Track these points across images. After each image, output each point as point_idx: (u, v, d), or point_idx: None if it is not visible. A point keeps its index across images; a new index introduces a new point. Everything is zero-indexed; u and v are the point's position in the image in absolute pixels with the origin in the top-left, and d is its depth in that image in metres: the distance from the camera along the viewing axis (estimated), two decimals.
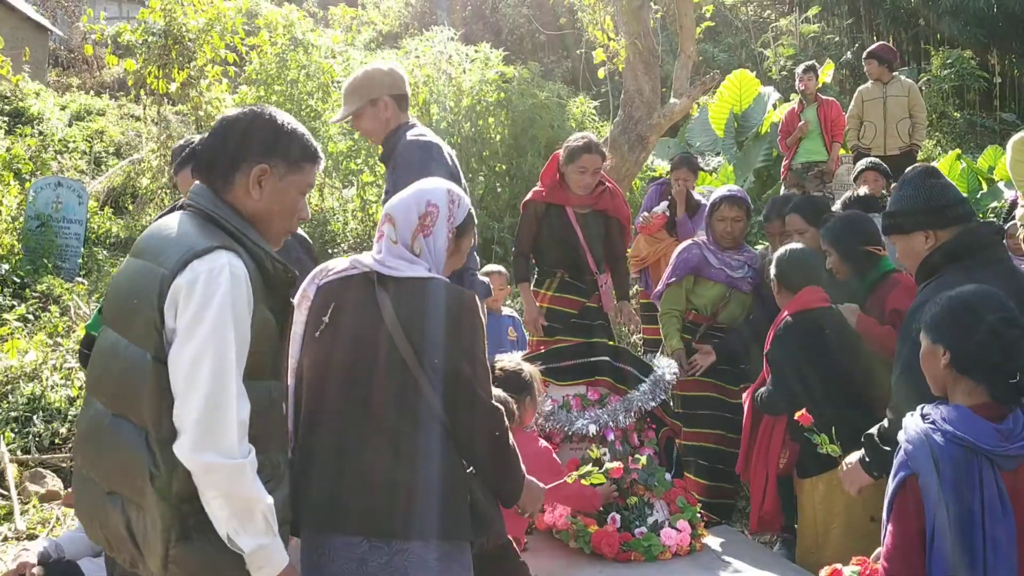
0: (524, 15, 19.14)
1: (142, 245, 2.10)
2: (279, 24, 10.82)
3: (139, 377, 1.92)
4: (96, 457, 2.00)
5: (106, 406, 2.00)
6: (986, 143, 13.13)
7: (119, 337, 2.01)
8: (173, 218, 2.09)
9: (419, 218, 2.41)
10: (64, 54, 18.99)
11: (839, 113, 8.51)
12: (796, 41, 17.92)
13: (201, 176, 2.11)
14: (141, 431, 1.91)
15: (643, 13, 9.01)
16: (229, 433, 1.89)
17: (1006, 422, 2.24)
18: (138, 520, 1.91)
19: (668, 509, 4.00)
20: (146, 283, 1.96)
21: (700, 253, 4.79)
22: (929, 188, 2.99)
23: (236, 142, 2.08)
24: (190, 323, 1.89)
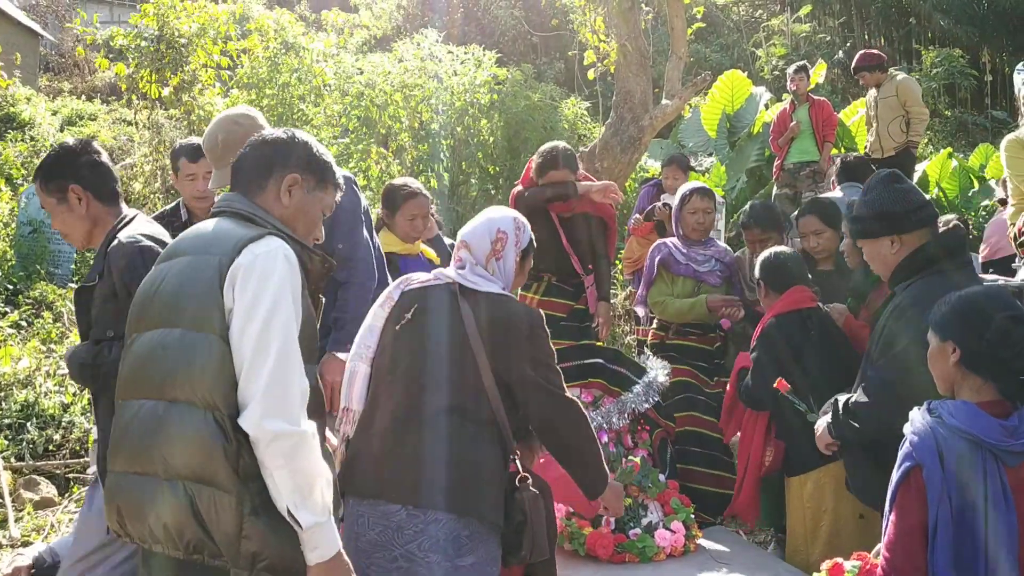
0: (516, 17, 19.17)
1: (178, 248, 2.21)
2: (270, 28, 10.82)
3: (204, 359, 1.99)
4: (150, 450, 2.01)
5: (158, 399, 2.03)
6: (977, 141, 13.19)
7: (167, 331, 2.06)
8: (208, 222, 2.23)
9: (491, 244, 2.76)
10: (55, 59, 18.96)
11: (831, 113, 8.53)
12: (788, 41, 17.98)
13: (237, 184, 2.28)
14: (207, 412, 1.97)
15: (634, 14, 9.02)
16: (295, 403, 2.00)
17: (1011, 419, 2.28)
18: (208, 500, 1.96)
19: (662, 510, 4.01)
20: (198, 273, 2.06)
21: (666, 251, 4.91)
22: (894, 192, 3.04)
23: (273, 152, 2.27)
24: (252, 300, 2.00)
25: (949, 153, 11.30)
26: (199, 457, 1.96)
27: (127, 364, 2.15)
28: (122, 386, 2.16)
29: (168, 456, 1.99)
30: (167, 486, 1.98)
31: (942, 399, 2.40)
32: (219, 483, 1.96)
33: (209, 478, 1.96)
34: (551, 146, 4.97)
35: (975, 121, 15.06)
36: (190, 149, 4.24)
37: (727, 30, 19.53)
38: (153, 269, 2.24)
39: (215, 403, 1.98)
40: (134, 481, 2.04)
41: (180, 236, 2.28)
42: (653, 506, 4.01)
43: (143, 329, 2.13)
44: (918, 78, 14.78)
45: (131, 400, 2.10)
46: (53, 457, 5.52)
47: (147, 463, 2.02)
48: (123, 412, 2.12)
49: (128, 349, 2.17)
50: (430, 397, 2.58)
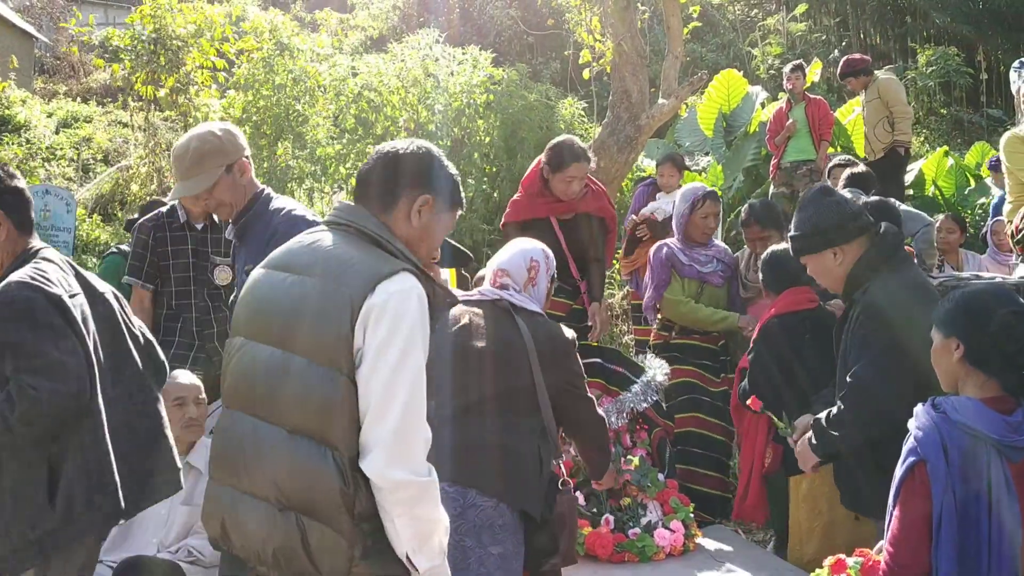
0: (512, 17, 19.15)
1: (293, 261, 2.12)
2: (265, 29, 10.80)
3: (330, 397, 1.93)
4: (265, 475, 1.97)
5: (275, 424, 1.99)
6: (973, 139, 13.19)
7: (287, 355, 2.00)
8: (323, 235, 2.14)
9: (527, 271, 3.10)
10: (50, 61, 18.90)
11: (827, 111, 8.54)
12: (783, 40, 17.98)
13: (362, 197, 2.18)
14: (326, 450, 1.92)
15: (630, 14, 9.02)
16: (419, 451, 1.96)
17: (1015, 415, 2.31)
18: (319, 536, 1.92)
19: (661, 510, 4.01)
20: (330, 304, 1.97)
21: (671, 252, 4.94)
22: (828, 206, 3.11)
23: (406, 168, 2.17)
24: (383, 343, 1.93)
25: (945, 151, 11.30)
26: (314, 494, 1.92)
27: (237, 369, 2.10)
28: (230, 393, 2.10)
29: (283, 486, 1.95)
30: (280, 515, 1.95)
31: (922, 398, 2.42)
32: (333, 522, 1.92)
33: (323, 515, 1.92)
34: (565, 139, 4.77)
35: (971, 119, 15.06)
36: None
37: (723, 29, 19.53)
38: (268, 272, 2.15)
39: (335, 443, 1.93)
40: (245, 500, 2.00)
41: (293, 246, 2.17)
42: (652, 505, 4.01)
43: (257, 339, 2.07)
44: (914, 76, 14.82)
45: (242, 413, 2.05)
46: None
47: (261, 487, 1.98)
48: (233, 422, 2.07)
49: (237, 351, 2.12)
50: (487, 392, 2.88)
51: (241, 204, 3.06)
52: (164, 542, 3.35)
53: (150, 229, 4.29)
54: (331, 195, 10.97)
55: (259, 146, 10.73)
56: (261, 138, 10.73)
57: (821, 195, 3.19)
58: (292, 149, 10.80)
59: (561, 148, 4.63)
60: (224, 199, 3.03)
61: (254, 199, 3.07)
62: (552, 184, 4.64)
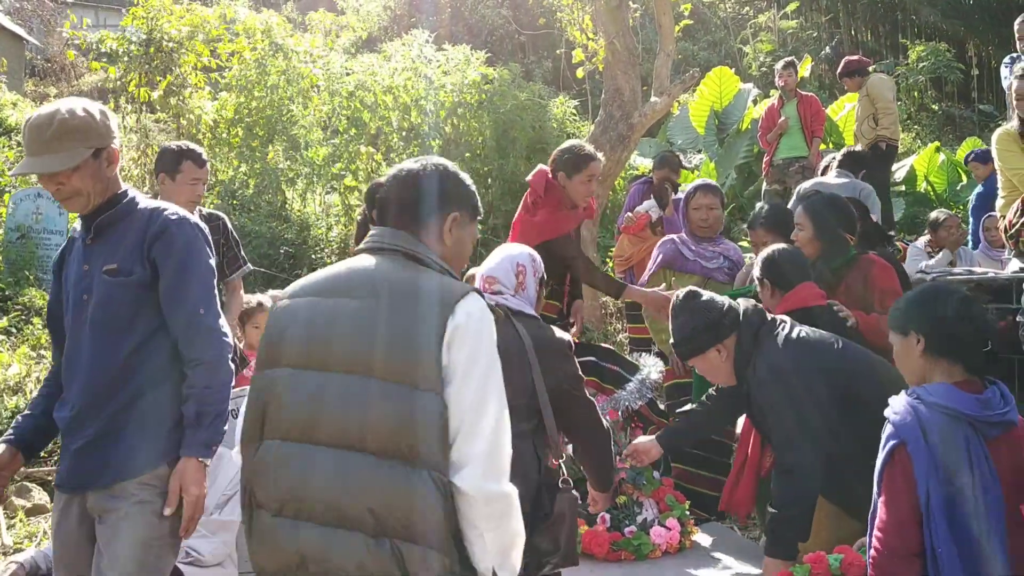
0: (504, 16, 19.16)
1: (348, 287, 2.10)
2: (257, 30, 10.79)
3: (423, 418, 1.94)
4: (354, 504, 1.93)
5: (359, 451, 1.96)
6: (965, 135, 13.26)
7: (364, 379, 1.98)
8: (370, 260, 2.14)
9: (515, 276, 3.05)
10: (41, 63, 18.85)
11: (819, 108, 8.56)
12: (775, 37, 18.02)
13: (395, 220, 2.19)
14: (426, 471, 1.92)
15: (621, 12, 9.03)
16: (508, 465, 2.01)
17: (985, 393, 2.42)
18: (419, 560, 1.91)
19: (657, 507, 4.01)
20: (412, 326, 1.99)
21: (674, 247, 4.94)
22: (696, 309, 3.37)
23: (431, 190, 2.20)
24: (469, 361, 1.98)
25: (937, 147, 11.35)
26: (414, 515, 1.92)
27: (293, 400, 2.04)
28: (281, 425, 2.04)
29: (379, 512, 1.92)
30: (374, 542, 1.92)
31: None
32: (433, 543, 1.92)
33: (423, 537, 1.91)
34: (572, 144, 4.67)
35: (962, 115, 15.12)
36: (196, 153, 4.28)
37: (714, 27, 19.56)
38: (313, 300, 2.12)
39: (431, 463, 1.93)
40: (326, 533, 1.95)
41: (347, 271, 2.15)
42: (648, 503, 4.01)
43: (316, 367, 2.03)
44: (904, 72, 14.87)
45: (303, 444, 2.00)
46: (45, 464, 5.49)
47: (349, 517, 1.94)
48: (294, 454, 2.01)
49: (286, 382, 2.06)
50: None
51: (100, 199, 2.62)
52: None
53: None
54: (323, 196, 10.96)
55: (251, 147, 10.72)
56: (253, 139, 10.72)
57: (686, 300, 3.41)
58: (285, 150, 10.79)
59: (574, 151, 4.55)
60: (83, 187, 2.57)
61: (116, 197, 2.65)
62: (570, 189, 4.54)
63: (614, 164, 8.96)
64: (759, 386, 3.25)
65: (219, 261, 4.41)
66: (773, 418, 3.24)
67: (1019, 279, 4.59)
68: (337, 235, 10.20)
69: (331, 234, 10.25)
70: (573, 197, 4.52)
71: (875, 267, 3.85)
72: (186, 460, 2.52)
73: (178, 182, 4.23)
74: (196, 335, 2.56)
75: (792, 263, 3.88)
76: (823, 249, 3.93)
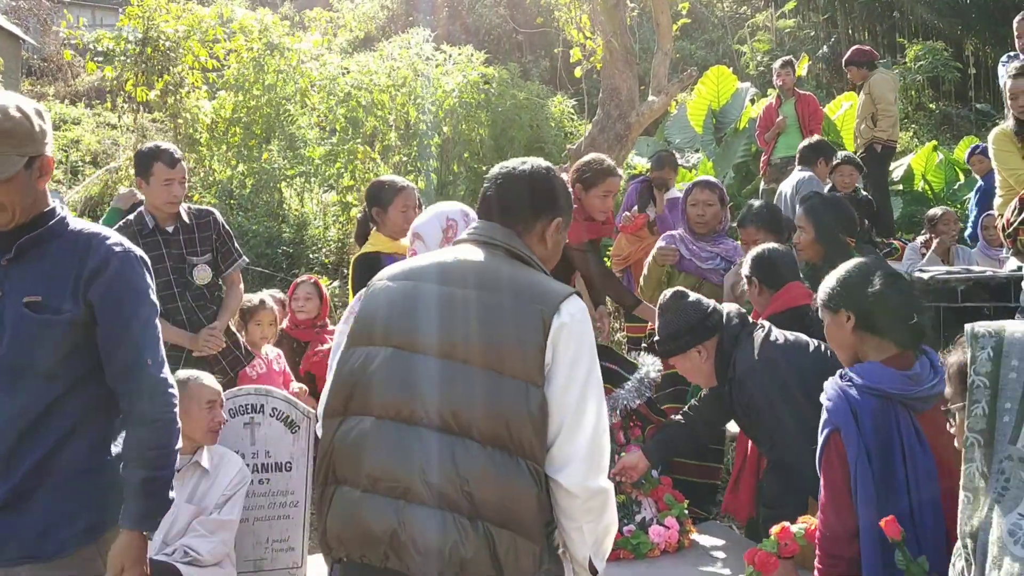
0: (501, 15, 19.15)
1: (457, 276, 2.12)
2: (254, 29, 10.78)
3: (527, 410, 1.98)
4: (455, 486, 1.96)
5: (464, 437, 1.98)
6: (962, 134, 13.26)
7: (469, 367, 2.01)
8: (476, 251, 2.16)
9: (443, 231, 2.78)
10: (37, 63, 18.82)
11: (816, 107, 8.57)
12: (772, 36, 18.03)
13: (501, 218, 2.22)
14: (520, 460, 1.97)
15: (619, 11, 9.03)
16: (607, 462, 2.07)
17: (914, 368, 2.49)
18: (508, 545, 1.95)
19: (656, 506, 4.01)
20: (522, 322, 2.03)
21: (672, 243, 4.90)
22: (684, 309, 3.42)
23: (541, 191, 2.24)
24: (573, 361, 2.03)
25: (934, 146, 11.35)
26: (512, 503, 1.97)
27: (391, 379, 2.04)
28: (376, 402, 2.04)
29: (478, 496, 1.95)
30: (470, 524, 1.95)
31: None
32: (525, 531, 1.97)
33: (516, 525, 1.97)
34: (592, 157, 4.64)
35: (959, 114, 15.14)
36: (167, 153, 4.19)
37: (711, 26, 19.57)
38: (418, 285, 2.13)
39: (534, 454, 1.98)
40: (421, 513, 1.96)
41: (454, 260, 2.16)
42: (647, 502, 4.00)
43: (420, 351, 2.05)
44: (902, 72, 14.87)
45: (400, 424, 2.01)
46: None
47: (449, 500, 1.95)
48: (391, 433, 2.02)
49: (384, 361, 2.06)
50: None
51: (25, 217, 2.20)
52: (167, 538, 3.36)
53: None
54: (320, 195, 10.95)
55: (249, 146, 10.71)
56: (251, 138, 10.71)
57: (672, 300, 3.45)
58: (282, 149, 10.78)
59: (592, 166, 4.54)
60: (10, 201, 2.15)
61: (44, 216, 2.24)
62: (586, 202, 4.54)
63: None
64: (738, 387, 3.30)
65: (213, 257, 4.40)
66: (753, 417, 3.29)
67: (1017, 278, 4.59)
68: (335, 234, 10.19)
69: (328, 233, 10.24)
70: (588, 210, 4.52)
71: None
72: (128, 534, 2.17)
73: (152, 185, 4.18)
74: (143, 389, 2.20)
75: (783, 262, 3.90)
76: (825, 252, 3.94)
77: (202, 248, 4.34)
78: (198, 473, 3.48)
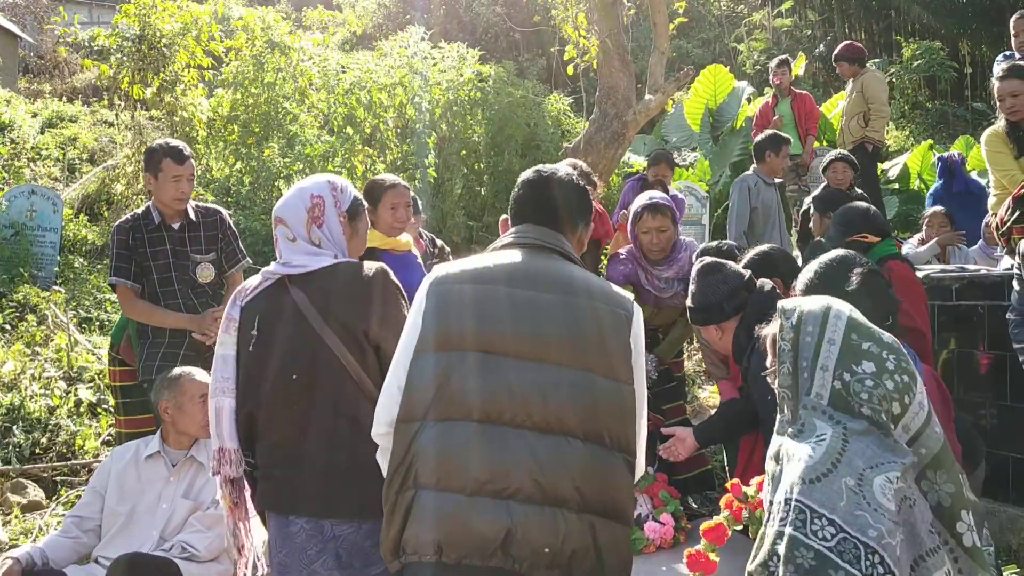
0: (498, 14, 19.15)
1: (532, 278, 2.17)
2: (256, 27, 10.77)
3: (623, 406, 2.12)
4: (563, 482, 2.02)
5: (564, 434, 2.05)
6: (958, 133, 13.28)
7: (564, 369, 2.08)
8: (540, 255, 2.23)
9: (307, 211, 2.57)
10: (34, 61, 18.79)
11: (813, 106, 8.59)
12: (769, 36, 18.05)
13: (551, 222, 2.29)
14: (615, 453, 2.10)
15: (615, 10, 9.03)
16: None
17: None
18: (608, 534, 2.07)
19: (651, 503, 4.03)
20: (608, 322, 2.15)
21: (633, 269, 4.54)
22: (710, 286, 3.41)
23: (580, 199, 2.34)
24: (640, 359, 2.20)
25: (930, 145, 11.38)
26: (612, 494, 2.09)
27: (488, 384, 2.06)
28: (488, 409, 2.05)
29: (584, 490, 2.03)
30: (575, 518, 2.02)
31: None
32: (623, 519, 2.11)
33: (616, 514, 2.09)
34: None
35: (955, 113, 15.16)
36: (176, 151, 4.23)
37: (708, 25, 19.59)
38: (487, 288, 2.15)
39: (630, 447, 2.13)
40: (537, 511, 2.00)
41: (525, 262, 2.20)
42: (642, 499, 4.03)
43: (511, 354, 2.08)
44: (898, 71, 14.89)
45: (511, 428, 2.04)
46: (40, 461, 5.49)
47: (560, 497, 2.01)
48: (494, 435, 2.03)
49: (477, 365, 2.07)
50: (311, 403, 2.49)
51: None
52: (164, 533, 3.38)
53: (127, 231, 4.25)
54: None
55: (247, 144, 10.71)
56: (249, 136, 10.71)
57: (701, 273, 3.46)
58: (280, 147, 10.78)
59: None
60: None
61: None
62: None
63: (608, 161, 8.98)
64: (753, 380, 3.27)
65: (218, 256, 4.42)
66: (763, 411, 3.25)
67: (1010, 276, 4.61)
68: None
69: None
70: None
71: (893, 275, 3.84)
72: None
73: (161, 181, 4.22)
74: None
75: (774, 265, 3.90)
76: None
77: (207, 247, 4.37)
78: (194, 468, 3.50)
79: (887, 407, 1.94)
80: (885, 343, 2.01)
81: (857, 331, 2.02)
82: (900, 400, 1.95)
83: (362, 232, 2.74)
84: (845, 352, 1.98)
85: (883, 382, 1.95)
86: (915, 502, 1.91)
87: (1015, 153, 4.57)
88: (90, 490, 3.55)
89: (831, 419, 1.94)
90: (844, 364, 1.97)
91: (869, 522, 1.79)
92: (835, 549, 1.79)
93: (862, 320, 2.06)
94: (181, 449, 3.54)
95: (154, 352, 4.18)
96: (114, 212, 10.65)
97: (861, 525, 1.79)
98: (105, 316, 7.89)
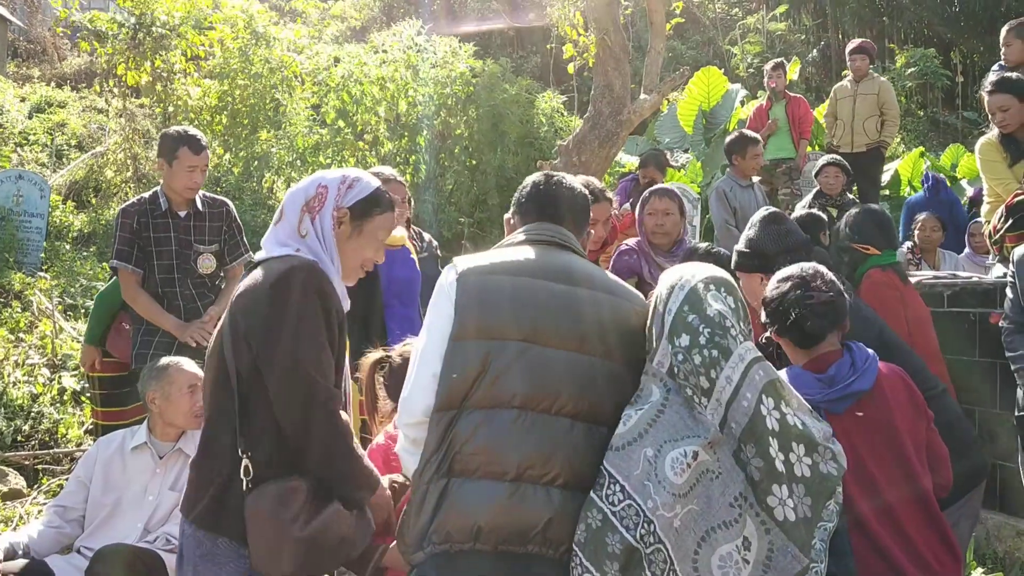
0: (493, 10, 19.11)
1: (563, 272, 2.24)
2: (239, 19, 10.70)
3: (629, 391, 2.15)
4: (594, 469, 2.05)
5: (591, 422, 2.10)
6: (949, 141, 13.33)
7: (592, 359, 2.14)
8: (557, 252, 2.30)
9: (306, 200, 2.38)
10: (23, 45, 18.63)
11: (807, 110, 8.59)
12: (763, 39, 18.08)
13: (564, 220, 2.39)
14: None
15: (613, 9, 9.02)
16: None
17: (829, 371, 2.52)
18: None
19: None
20: (628, 315, 2.24)
21: (638, 260, 4.55)
22: (770, 235, 3.23)
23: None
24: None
25: (921, 152, 11.42)
26: None
27: (530, 372, 2.08)
28: (518, 393, 2.06)
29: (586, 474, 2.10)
30: (570, 497, 2.05)
31: None
32: None
33: None
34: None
35: (947, 121, 15.22)
36: (194, 140, 4.23)
37: (703, 27, 19.61)
38: (525, 281, 2.19)
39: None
40: (576, 497, 2.03)
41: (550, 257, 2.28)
42: None
43: (551, 344, 2.13)
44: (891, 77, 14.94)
45: (551, 416, 2.07)
46: (21, 448, 5.44)
47: (592, 480, 2.05)
48: (542, 427, 2.05)
49: (521, 354, 2.09)
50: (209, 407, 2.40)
51: None
52: (149, 525, 3.34)
53: (134, 214, 4.24)
54: None
55: (236, 135, 10.65)
56: (238, 127, 10.65)
57: (768, 222, 3.29)
58: (269, 139, 10.72)
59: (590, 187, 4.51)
60: None
61: None
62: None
63: (602, 161, 8.96)
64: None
65: (220, 248, 4.39)
66: None
67: (1003, 284, 4.62)
68: None
69: None
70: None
71: (865, 283, 3.84)
72: None
73: (175, 168, 4.22)
74: None
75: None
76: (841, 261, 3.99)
77: (210, 237, 4.35)
78: (182, 460, 3.45)
79: (695, 381, 2.01)
80: (707, 316, 2.05)
81: (691, 303, 2.08)
82: (707, 375, 2.00)
83: (369, 233, 2.44)
84: (676, 323, 2.07)
85: (691, 356, 2.01)
86: (718, 475, 1.97)
87: (1009, 162, 4.59)
88: (74, 479, 3.51)
89: (665, 386, 2.04)
90: (670, 336, 2.06)
91: (650, 492, 1.91)
92: (619, 514, 1.94)
93: (705, 293, 2.10)
94: (168, 441, 3.50)
95: (148, 340, 4.15)
96: (102, 199, 10.58)
97: (644, 494, 1.92)
98: (91, 304, 7.83)
